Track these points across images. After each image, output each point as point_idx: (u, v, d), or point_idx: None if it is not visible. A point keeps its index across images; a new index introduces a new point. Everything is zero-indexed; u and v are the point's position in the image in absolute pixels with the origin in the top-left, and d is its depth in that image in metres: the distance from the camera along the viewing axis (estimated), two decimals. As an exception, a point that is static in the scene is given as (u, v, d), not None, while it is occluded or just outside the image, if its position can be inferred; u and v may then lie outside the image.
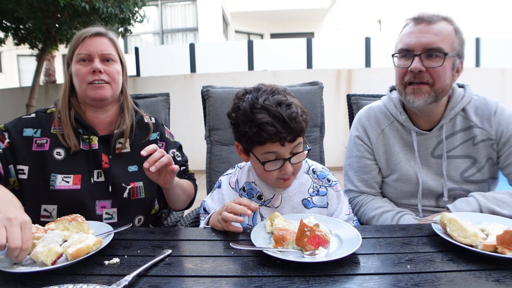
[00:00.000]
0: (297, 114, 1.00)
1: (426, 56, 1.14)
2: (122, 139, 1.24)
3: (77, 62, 1.17)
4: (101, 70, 1.15)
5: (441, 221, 0.88)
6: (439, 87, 1.15)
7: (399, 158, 1.31)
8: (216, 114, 1.69)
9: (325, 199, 1.16)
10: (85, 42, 1.16)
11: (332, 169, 1.30)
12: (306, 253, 0.79)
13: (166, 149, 1.30)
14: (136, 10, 4.79)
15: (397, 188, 1.32)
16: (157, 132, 1.32)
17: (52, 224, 0.90)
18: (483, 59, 6.13)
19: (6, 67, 13.38)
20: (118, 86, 1.23)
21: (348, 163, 1.42)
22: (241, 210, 0.93)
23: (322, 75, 5.56)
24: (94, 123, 1.23)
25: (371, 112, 1.38)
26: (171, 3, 10.34)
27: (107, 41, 1.20)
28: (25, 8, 3.80)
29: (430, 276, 0.70)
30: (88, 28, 1.20)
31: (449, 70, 1.15)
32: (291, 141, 1.00)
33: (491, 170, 1.25)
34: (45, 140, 1.17)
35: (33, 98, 4.77)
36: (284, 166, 1.02)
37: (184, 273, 0.74)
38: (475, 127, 1.23)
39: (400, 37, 1.21)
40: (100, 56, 1.17)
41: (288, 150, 1.01)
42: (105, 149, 1.20)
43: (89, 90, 1.16)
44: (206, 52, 6.43)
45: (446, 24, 1.16)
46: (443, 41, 1.13)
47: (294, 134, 0.99)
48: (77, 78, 1.17)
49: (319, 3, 11.66)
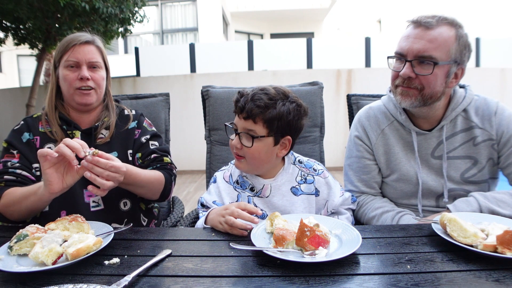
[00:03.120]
0: (263, 100, 1.11)
1: (418, 63, 1.14)
2: (106, 132, 1.30)
3: (65, 68, 1.23)
4: (88, 78, 1.23)
5: (441, 221, 0.88)
6: (428, 94, 1.15)
7: (399, 158, 1.30)
8: (216, 114, 1.69)
9: (313, 187, 1.22)
10: (74, 50, 1.22)
11: (332, 169, 1.30)
12: (306, 253, 0.79)
13: (139, 136, 1.35)
14: (136, 10, 4.79)
15: (397, 188, 1.32)
16: (135, 121, 1.38)
17: (52, 224, 0.90)
18: (483, 59, 6.14)
19: (6, 67, 13.37)
20: (103, 91, 1.31)
21: (348, 163, 1.42)
22: (249, 218, 0.96)
23: (322, 75, 5.56)
24: (78, 121, 1.30)
25: (371, 112, 1.38)
26: (171, 3, 10.34)
27: (94, 49, 1.27)
28: (25, 8, 3.80)
29: (430, 276, 0.70)
30: (77, 35, 1.26)
31: (440, 77, 1.14)
32: (245, 118, 1.13)
33: (491, 171, 1.25)
34: (35, 139, 1.26)
35: (33, 98, 4.77)
36: (235, 138, 1.17)
37: (184, 273, 0.74)
38: (476, 127, 1.23)
39: (399, 39, 1.21)
40: (88, 63, 1.24)
41: (241, 125, 1.15)
42: (87, 142, 1.18)
43: (76, 96, 1.23)
44: (206, 52, 6.43)
45: (447, 29, 1.13)
46: (436, 48, 1.11)
47: (247, 111, 1.12)
48: (65, 83, 1.24)
49: (319, 3, 11.66)
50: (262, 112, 1.10)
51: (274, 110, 1.11)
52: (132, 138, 1.35)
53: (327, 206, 1.23)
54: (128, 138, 1.34)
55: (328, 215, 1.23)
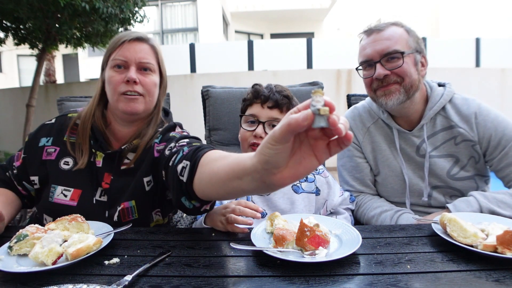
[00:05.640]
0: (286, 92, 1.22)
1: (386, 61, 1.19)
2: (132, 155, 1.10)
3: (111, 68, 1.06)
4: (136, 81, 1.04)
5: (441, 221, 0.88)
6: (408, 83, 1.19)
7: (386, 154, 1.32)
8: (216, 114, 1.69)
9: (313, 185, 1.24)
10: (123, 47, 1.05)
11: (332, 170, 1.31)
12: (306, 253, 0.79)
13: (163, 149, 1.04)
14: (136, 10, 4.78)
15: (388, 186, 1.34)
16: (160, 136, 1.12)
17: (52, 224, 0.90)
18: (483, 59, 6.14)
19: (6, 67, 13.38)
20: (153, 100, 1.11)
21: (341, 163, 1.44)
22: (251, 214, 0.97)
23: (322, 75, 5.56)
24: (116, 136, 1.13)
25: (356, 112, 1.43)
26: (171, 3, 10.34)
27: (147, 48, 1.08)
28: (25, 8, 3.79)
29: (430, 276, 0.70)
30: (129, 32, 1.09)
31: (412, 66, 1.20)
32: (270, 107, 1.19)
33: (475, 168, 1.25)
34: (53, 149, 1.11)
35: (33, 98, 4.76)
36: (257, 128, 1.19)
37: (184, 273, 0.74)
38: (456, 126, 1.24)
39: (359, 52, 1.28)
40: (137, 64, 1.06)
41: (265, 115, 1.19)
42: (109, 167, 1.08)
43: (120, 102, 1.05)
44: (206, 52, 6.43)
45: (395, 28, 1.22)
46: (396, 43, 1.19)
47: (274, 100, 1.19)
48: (110, 86, 1.06)
49: (319, 3, 11.66)
50: (289, 102, 1.21)
51: (295, 103, 1.22)
52: (150, 158, 1.08)
53: (326, 205, 1.23)
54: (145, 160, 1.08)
55: (326, 215, 1.23)
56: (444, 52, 6.14)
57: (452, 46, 6.43)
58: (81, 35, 4.75)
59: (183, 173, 0.83)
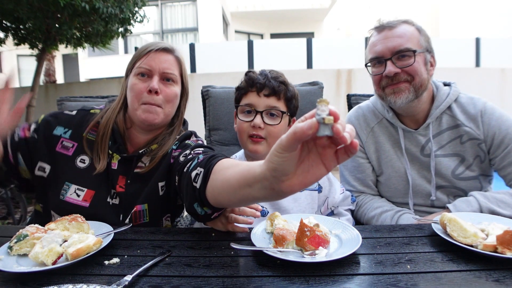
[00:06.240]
0: (281, 77, 1.17)
1: (397, 58, 1.18)
2: (147, 159, 1.11)
3: (135, 76, 1.08)
4: (157, 91, 1.05)
5: (441, 221, 0.88)
6: (418, 82, 1.18)
7: (390, 155, 1.32)
8: (216, 114, 1.69)
9: (316, 183, 1.21)
10: (149, 56, 1.07)
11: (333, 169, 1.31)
12: (306, 253, 0.79)
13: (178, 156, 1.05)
14: (136, 10, 4.78)
15: (391, 186, 1.33)
16: (177, 142, 1.15)
17: (52, 224, 0.90)
18: (483, 59, 6.14)
19: (6, 67, 13.38)
20: (172, 109, 1.12)
21: (343, 163, 1.43)
22: (250, 212, 0.96)
23: (322, 75, 5.56)
24: (133, 141, 1.14)
25: (360, 111, 1.41)
26: (171, 3, 10.35)
27: (172, 59, 1.10)
28: (25, 8, 3.79)
29: (430, 276, 0.70)
30: (156, 42, 1.11)
31: (422, 65, 1.19)
32: (267, 95, 1.14)
33: (480, 167, 1.25)
34: (71, 144, 1.09)
35: (33, 98, 4.76)
36: (255, 118, 1.15)
37: (184, 273, 0.74)
38: (462, 125, 1.23)
39: (368, 48, 1.26)
40: (161, 74, 1.07)
41: (262, 103, 1.15)
42: (125, 170, 1.08)
43: (139, 111, 1.06)
44: (206, 52, 6.44)
45: (407, 26, 1.20)
46: (408, 41, 1.17)
47: (270, 88, 1.14)
48: (131, 93, 1.08)
49: (319, 3, 11.67)
50: (285, 88, 1.16)
51: (291, 88, 1.18)
52: (166, 164, 1.10)
53: (327, 202, 1.23)
54: (161, 165, 1.10)
55: (328, 214, 1.23)
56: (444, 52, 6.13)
57: (452, 46, 6.44)
58: (81, 35, 4.74)
59: (196, 180, 0.84)
